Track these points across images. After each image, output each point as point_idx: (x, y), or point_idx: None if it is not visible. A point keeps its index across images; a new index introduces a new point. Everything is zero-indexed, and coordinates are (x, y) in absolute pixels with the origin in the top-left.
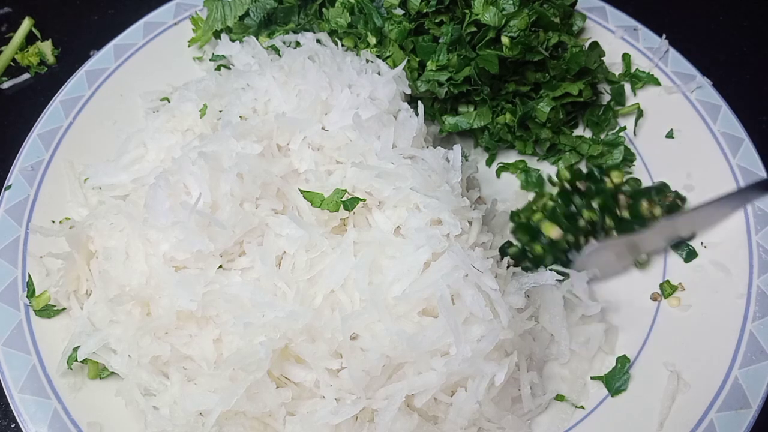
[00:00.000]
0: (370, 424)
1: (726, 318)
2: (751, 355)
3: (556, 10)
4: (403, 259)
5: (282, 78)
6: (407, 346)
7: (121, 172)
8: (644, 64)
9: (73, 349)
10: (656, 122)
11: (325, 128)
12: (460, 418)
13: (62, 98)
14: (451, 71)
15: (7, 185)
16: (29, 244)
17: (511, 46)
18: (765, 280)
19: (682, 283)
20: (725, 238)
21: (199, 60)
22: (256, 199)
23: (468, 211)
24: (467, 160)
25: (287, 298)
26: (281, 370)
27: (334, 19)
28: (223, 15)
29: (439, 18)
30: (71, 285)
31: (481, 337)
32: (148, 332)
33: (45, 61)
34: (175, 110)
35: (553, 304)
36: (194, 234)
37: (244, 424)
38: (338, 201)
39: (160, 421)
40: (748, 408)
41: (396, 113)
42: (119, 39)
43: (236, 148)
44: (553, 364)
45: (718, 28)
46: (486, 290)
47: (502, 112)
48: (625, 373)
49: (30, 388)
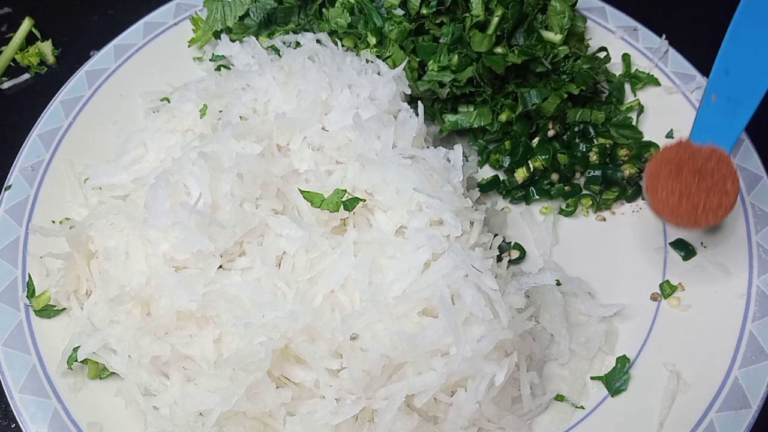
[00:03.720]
0: (370, 424)
1: (726, 318)
2: (751, 355)
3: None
4: (403, 259)
5: (282, 78)
6: (407, 346)
7: (121, 172)
8: (644, 64)
9: (73, 349)
10: (656, 122)
11: (325, 128)
12: (460, 418)
13: (62, 98)
14: (454, 72)
15: (7, 185)
16: (29, 244)
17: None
18: (765, 280)
19: (682, 283)
20: (725, 238)
21: (199, 60)
22: (256, 199)
23: (470, 212)
24: (467, 160)
25: (287, 298)
26: (281, 370)
27: (334, 19)
28: (223, 15)
29: (439, 19)
30: (71, 285)
31: (481, 337)
32: (148, 332)
33: (45, 61)
34: (175, 110)
35: (553, 304)
36: (194, 234)
37: (244, 424)
38: (338, 201)
39: (160, 421)
40: (748, 408)
41: (396, 113)
42: (119, 39)
43: (236, 148)
44: (553, 364)
45: (718, 28)
46: (486, 290)
47: (501, 110)
48: (625, 373)
49: (30, 388)
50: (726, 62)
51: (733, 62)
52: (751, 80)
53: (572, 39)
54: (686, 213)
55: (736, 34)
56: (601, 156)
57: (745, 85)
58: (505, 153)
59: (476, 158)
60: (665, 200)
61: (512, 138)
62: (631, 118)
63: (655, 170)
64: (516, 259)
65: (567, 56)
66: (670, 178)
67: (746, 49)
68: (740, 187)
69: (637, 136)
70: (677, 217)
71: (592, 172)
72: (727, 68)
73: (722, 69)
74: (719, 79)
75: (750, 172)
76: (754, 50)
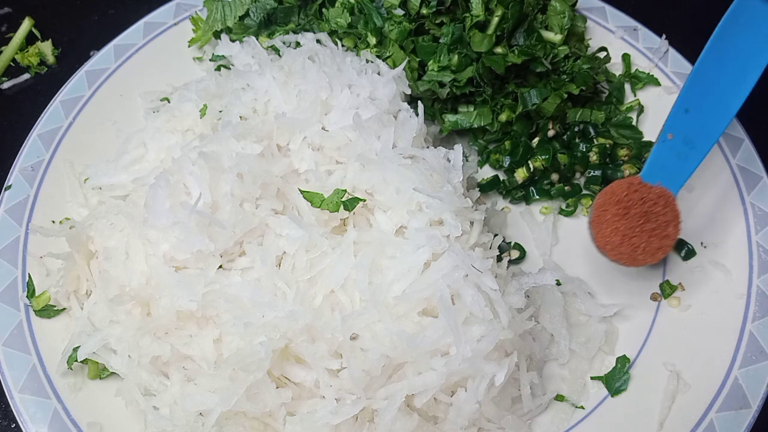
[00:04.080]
0: (370, 424)
1: (726, 318)
2: (751, 355)
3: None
4: (403, 259)
5: (282, 78)
6: (407, 346)
7: (121, 172)
8: (644, 64)
9: (73, 349)
10: (656, 122)
11: (325, 128)
12: (460, 418)
13: (62, 98)
14: (454, 72)
15: (7, 185)
16: (29, 244)
17: (517, 54)
18: (765, 280)
19: (682, 283)
20: (725, 238)
21: (199, 60)
22: (256, 199)
23: (470, 212)
24: (467, 160)
25: (287, 298)
26: (281, 370)
27: (334, 19)
28: (223, 15)
29: (439, 19)
30: (71, 285)
31: (481, 337)
32: (148, 332)
33: (45, 61)
34: (175, 110)
35: (553, 304)
36: (194, 234)
37: (244, 424)
38: (338, 201)
39: (160, 421)
40: (748, 408)
41: (396, 113)
42: (119, 39)
43: (236, 148)
44: (553, 364)
45: None
46: (486, 290)
47: (501, 110)
48: (625, 373)
49: (30, 388)
50: (687, 101)
51: (694, 102)
52: (709, 122)
53: (572, 39)
54: (627, 252)
55: (701, 73)
56: (601, 156)
57: (702, 126)
58: (505, 153)
59: (476, 158)
60: (609, 237)
61: (512, 138)
62: (631, 118)
63: (602, 205)
64: (516, 259)
65: (567, 56)
66: (617, 216)
67: (709, 89)
68: (680, 231)
69: (637, 136)
70: (617, 254)
71: (592, 172)
72: (687, 107)
73: (683, 108)
74: (678, 118)
75: (750, 172)
76: (717, 91)
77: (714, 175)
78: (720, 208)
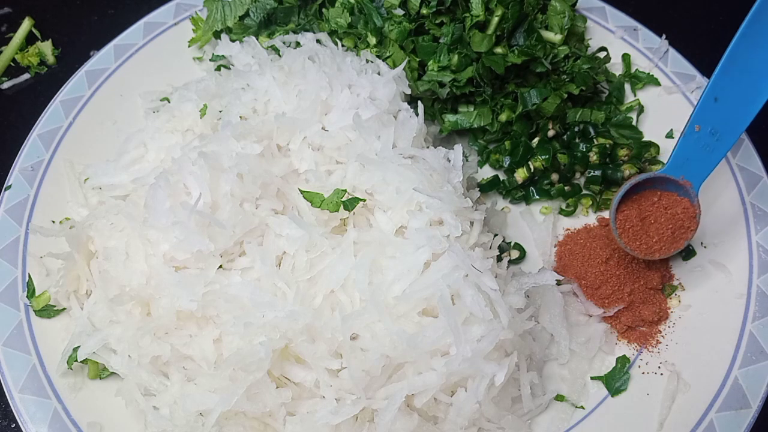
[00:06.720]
0: (370, 424)
1: (726, 318)
2: (751, 355)
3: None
4: (403, 259)
5: (282, 78)
6: (407, 346)
7: (121, 172)
8: (644, 64)
9: (73, 349)
10: (656, 122)
11: (325, 128)
12: (460, 418)
13: (62, 98)
14: (454, 72)
15: (7, 185)
16: (29, 244)
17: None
18: (765, 280)
19: (682, 283)
20: (725, 238)
21: (199, 60)
22: (256, 199)
23: (470, 212)
24: (467, 160)
25: (287, 298)
26: (281, 370)
27: (334, 19)
28: (223, 15)
29: (439, 19)
30: (71, 285)
31: (481, 337)
32: (148, 332)
33: (45, 61)
34: (175, 110)
35: (553, 304)
36: (194, 234)
37: (244, 424)
38: (338, 201)
39: (160, 421)
40: (748, 408)
41: (396, 113)
42: (119, 39)
43: (236, 148)
44: (553, 364)
45: (718, 28)
46: (486, 290)
47: (501, 110)
48: (625, 373)
49: (30, 388)
50: (716, 90)
51: (723, 90)
52: (737, 111)
53: (572, 39)
54: (643, 243)
55: (732, 61)
56: (601, 156)
57: (730, 116)
58: (505, 153)
59: (476, 158)
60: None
61: (512, 138)
62: (631, 118)
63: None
64: (516, 259)
65: (567, 56)
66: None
67: (739, 78)
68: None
69: (637, 136)
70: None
71: (592, 172)
72: (717, 96)
73: (711, 96)
74: (707, 108)
75: (750, 172)
76: (747, 80)
77: (714, 175)
78: (720, 208)
